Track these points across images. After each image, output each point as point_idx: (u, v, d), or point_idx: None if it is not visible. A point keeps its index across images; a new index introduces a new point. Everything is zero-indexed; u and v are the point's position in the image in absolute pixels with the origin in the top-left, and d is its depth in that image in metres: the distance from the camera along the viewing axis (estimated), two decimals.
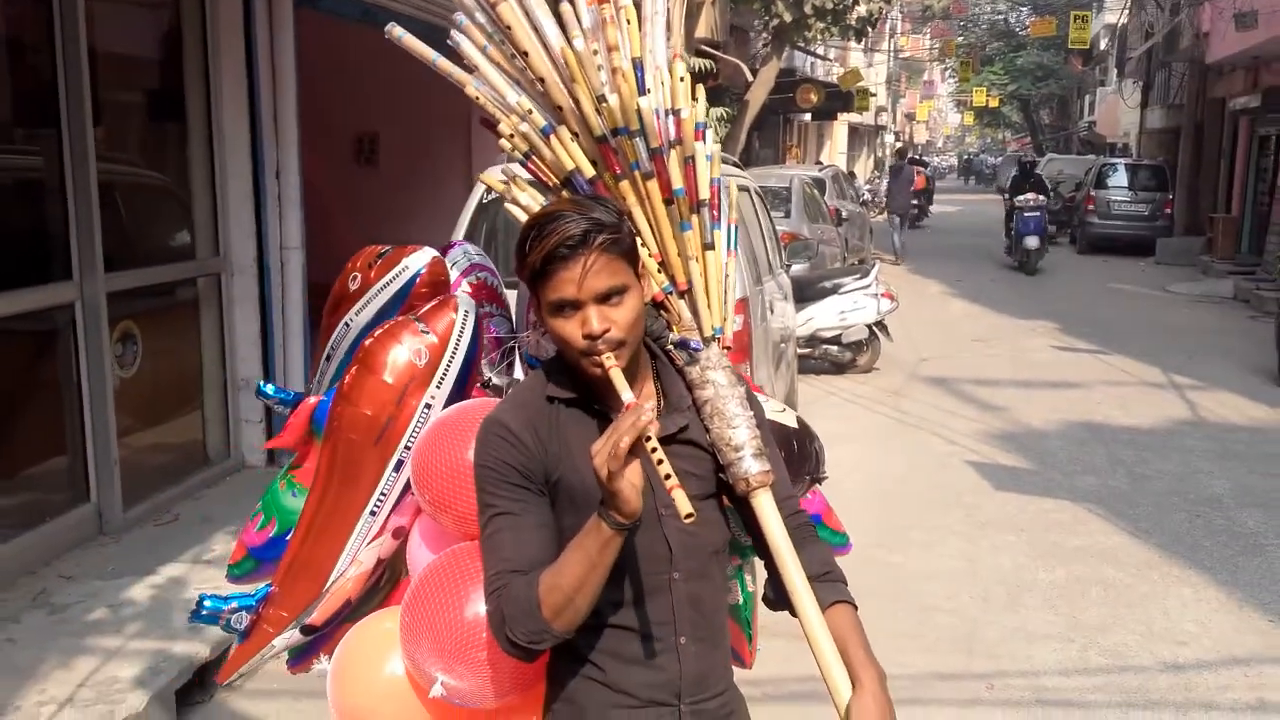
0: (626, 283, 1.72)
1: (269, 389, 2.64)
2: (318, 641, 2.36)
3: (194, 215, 5.80)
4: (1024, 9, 43.76)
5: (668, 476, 1.59)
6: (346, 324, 2.41)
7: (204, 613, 2.30)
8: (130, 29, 5.73)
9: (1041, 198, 18.48)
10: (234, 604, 2.31)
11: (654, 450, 1.59)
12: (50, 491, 4.94)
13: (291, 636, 2.28)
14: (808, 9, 15.66)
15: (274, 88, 5.90)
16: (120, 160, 5.44)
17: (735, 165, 7.54)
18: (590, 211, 1.71)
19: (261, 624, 2.29)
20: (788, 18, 15.80)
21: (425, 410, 2.15)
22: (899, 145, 32.53)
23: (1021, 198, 18.32)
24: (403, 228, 8.23)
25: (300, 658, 2.42)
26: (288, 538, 2.32)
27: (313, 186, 6.35)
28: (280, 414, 2.70)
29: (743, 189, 6.20)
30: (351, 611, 2.27)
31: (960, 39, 42.73)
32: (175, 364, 5.80)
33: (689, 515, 1.58)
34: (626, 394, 1.67)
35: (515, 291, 2.60)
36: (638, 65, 1.96)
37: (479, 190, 5.46)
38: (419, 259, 2.40)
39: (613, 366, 1.69)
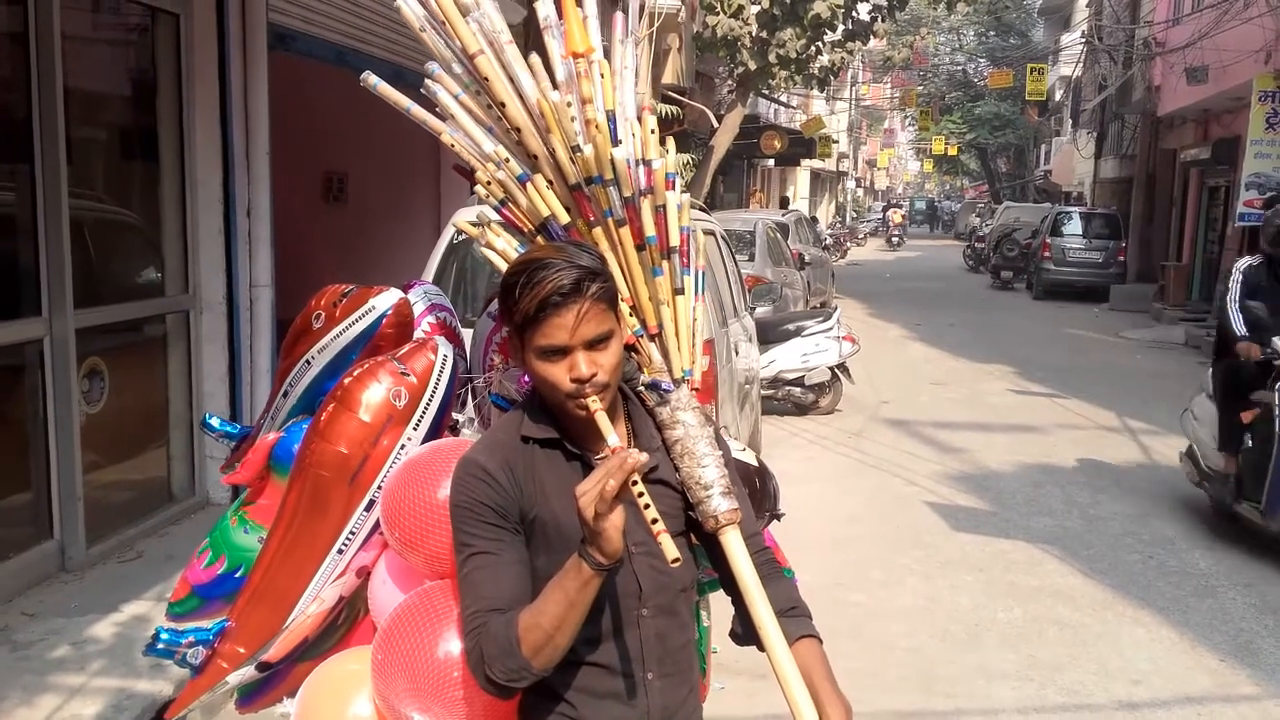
0: (612, 328, 1.78)
1: (215, 421, 2.64)
2: (273, 680, 2.33)
3: (164, 252, 5.80)
4: (982, 60, 44.67)
5: (654, 521, 1.64)
6: (307, 361, 2.42)
7: (160, 646, 2.28)
8: (105, 67, 5.77)
9: None
10: (190, 638, 2.28)
11: (640, 494, 1.64)
12: (13, 527, 4.89)
13: (246, 673, 2.25)
14: (772, 57, 15.92)
15: (246, 127, 5.94)
16: (92, 197, 5.45)
17: (701, 209, 7.66)
18: (578, 259, 1.76)
19: (217, 659, 2.26)
20: (752, 66, 16.05)
21: (400, 451, 2.16)
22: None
23: None
24: (371, 266, 8.30)
25: (251, 697, 2.39)
26: (237, 574, 2.30)
27: (281, 224, 6.39)
28: (225, 447, 2.68)
29: (708, 233, 6.31)
30: (308, 649, 2.25)
31: (920, 89, 43.50)
32: (142, 401, 5.78)
33: (675, 560, 1.64)
34: (613, 438, 1.72)
35: (470, 331, 2.66)
36: (611, 117, 2.04)
37: (449, 231, 5.52)
38: (385, 300, 2.42)
39: (598, 410, 1.74)
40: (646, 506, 1.64)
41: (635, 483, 1.63)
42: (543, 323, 1.73)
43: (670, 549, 1.63)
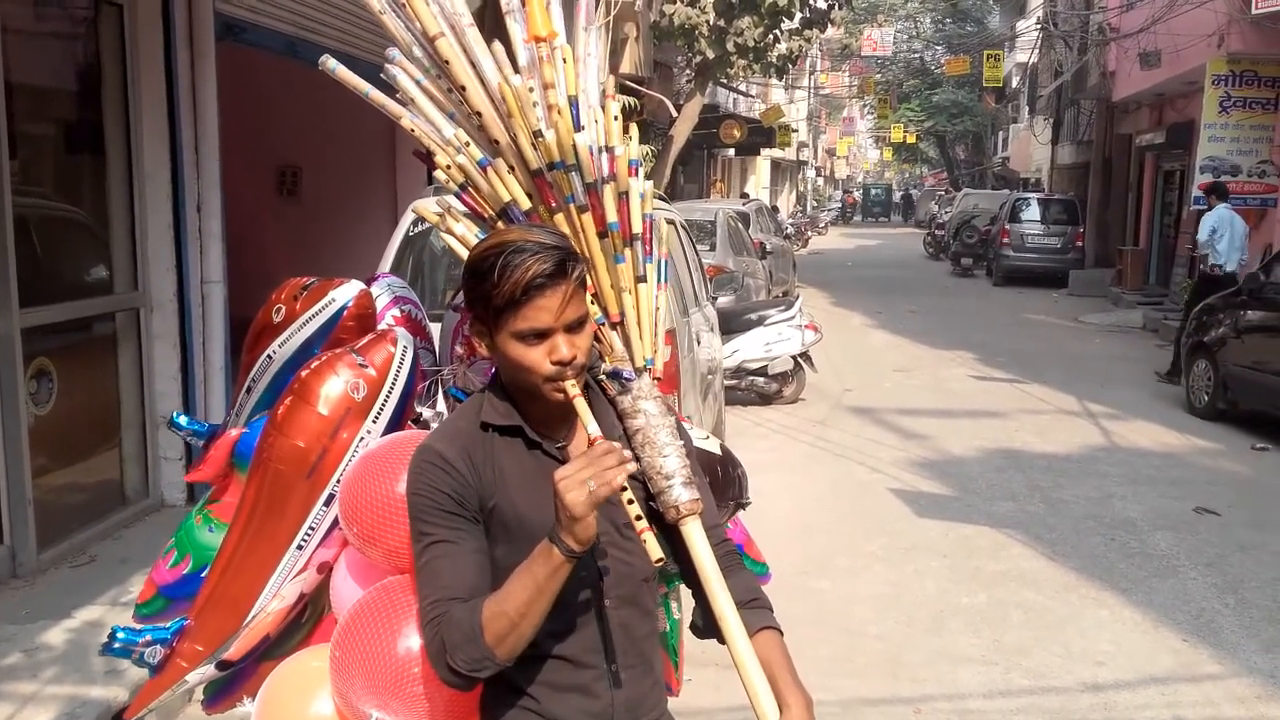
0: (588, 311, 1.77)
1: (182, 420, 2.60)
2: (237, 680, 2.31)
3: (112, 249, 5.68)
4: (939, 48, 44.93)
5: (639, 518, 1.63)
6: (269, 356, 2.38)
7: (116, 645, 2.24)
8: (48, 60, 5.63)
9: None
10: (148, 637, 2.25)
11: (624, 489, 1.62)
12: None
13: (206, 671, 2.23)
14: (730, 46, 15.90)
15: (195, 120, 5.83)
16: (37, 193, 5.33)
17: (661, 199, 7.62)
18: (554, 240, 1.73)
19: (176, 658, 2.23)
20: (710, 54, 16.02)
21: (360, 444, 2.14)
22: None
23: None
24: (326, 260, 8.17)
25: (217, 697, 2.36)
26: (203, 574, 2.27)
27: (234, 220, 6.27)
28: (195, 446, 2.65)
29: (669, 222, 6.26)
30: (270, 647, 2.23)
31: (878, 77, 43.69)
32: (92, 401, 5.66)
33: (659, 560, 1.62)
34: (593, 427, 1.70)
35: (438, 325, 2.62)
36: (573, 102, 2.01)
37: (405, 223, 5.44)
38: (346, 292, 2.39)
39: (576, 396, 1.72)
40: (630, 502, 1.63)
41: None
42: (525, 305, 1.69)
43: (655, 549, 1.61)
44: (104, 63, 5.60)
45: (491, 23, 2.19)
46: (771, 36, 16.40)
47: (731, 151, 31.18)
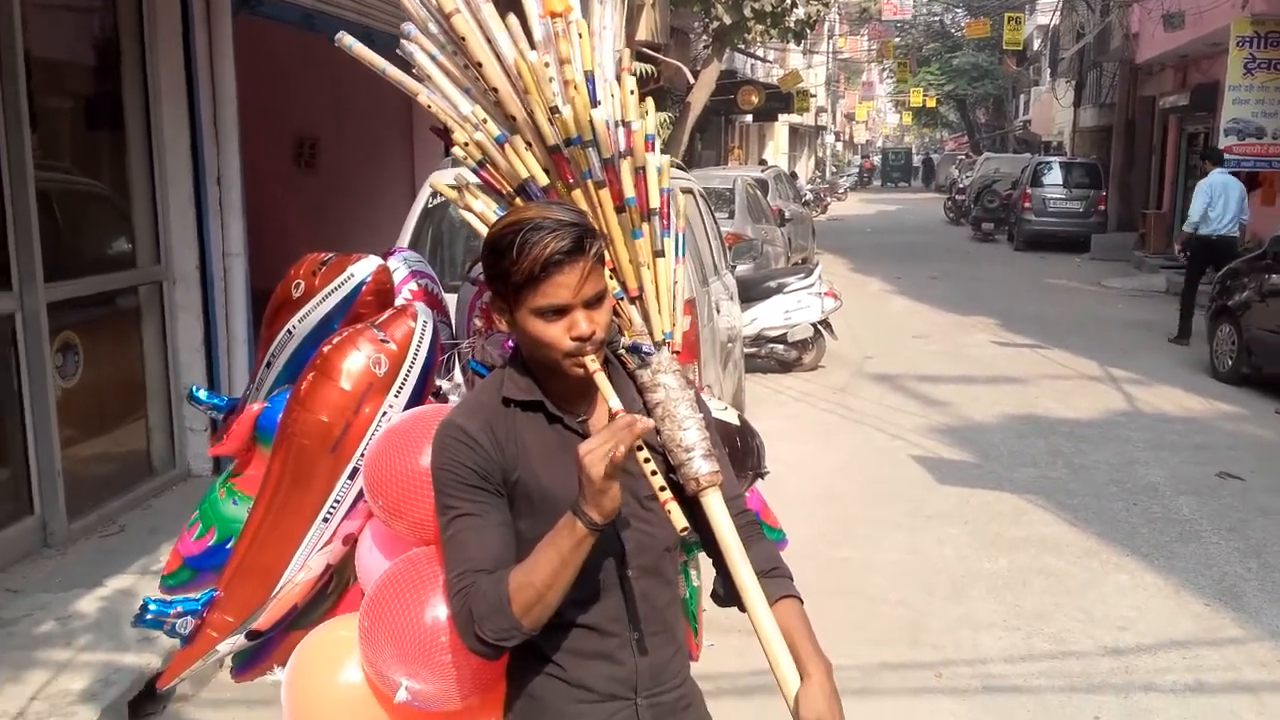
0: (606, 286, 1.78)
1: (202, 394, 2.62)
2: (264, 649, 2.34)
3: (134, 223, 5.72)
4: (959, 10, 44.40)
5: (662, 489, 1.65)
6: (289, 331, 2.40)
7: (148, 616, 2.27)
8: (67, 35, 5.65)
9: None
10: (179, 608, 2.28)
11: (646, 460, 1.65)
12: None
13: (236, 641, 2.26)
14: (747, 11, 15.77)
15: (213, 93, 5.85)
16: (59, 168, 5.37)
17: (679, 167, 7.60)
18: (572, 217, 1.74)
19: (206, 629, 2.27)
20: (727, 20, 15.91)
21: (382, 419, 2.15)
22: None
23: None
24: (345, 233, 8.21)
25: (245, 666, 2.40)
26: (228, 546, 2.30)
27: (252, 192, 6.30)
28: (215, 419, 2.67)
29: (687, 191, 6.25)
30: (298, 617, 2.26)
31: (897, 40, 43.26)
32: (118, 373, 5.72)
33: (684, 529, 1.64)
34: (614, 400, 1.72)
35: (454, 296, 2.63)
36: (589, 77, 2.01)
37: (424, 195, 5.45)
38: (365, 267, 2.40)
39: (597, 371, 1.74)
40: (654, 474, 1.65)
41: (640, 448, 1.63)
42: (544, 282, 1.70)
43: (679, 519, 1.63)
44: (122, 37, 5.61)
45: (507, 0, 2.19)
46: (789, 1, 16.26)
47: (749, 118, 30.98)
